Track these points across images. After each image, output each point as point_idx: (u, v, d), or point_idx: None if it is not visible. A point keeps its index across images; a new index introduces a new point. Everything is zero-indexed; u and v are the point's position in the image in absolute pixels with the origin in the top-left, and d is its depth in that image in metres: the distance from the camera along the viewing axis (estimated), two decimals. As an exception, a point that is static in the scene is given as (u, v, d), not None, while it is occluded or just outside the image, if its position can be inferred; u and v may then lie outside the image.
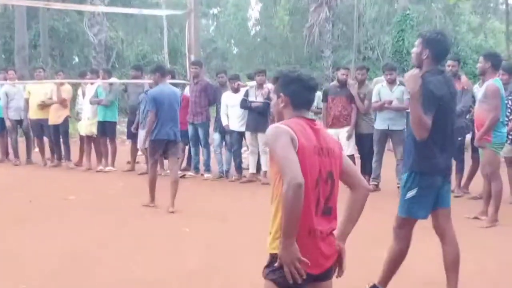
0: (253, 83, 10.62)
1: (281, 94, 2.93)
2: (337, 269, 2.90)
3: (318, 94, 10.21)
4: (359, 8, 29.94)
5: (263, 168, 10.40)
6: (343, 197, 2.96)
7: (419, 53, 4.57)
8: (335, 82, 10.58)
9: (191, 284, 5.44)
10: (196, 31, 12.10)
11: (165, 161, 10.46)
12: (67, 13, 28.55)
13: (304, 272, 2.62)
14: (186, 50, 12.55)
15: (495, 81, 7.24)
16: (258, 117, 10.07)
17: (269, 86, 10.77)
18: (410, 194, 4.43)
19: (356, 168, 3.60)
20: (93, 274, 5.56)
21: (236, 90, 10.73)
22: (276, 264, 2.65)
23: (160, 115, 8.27)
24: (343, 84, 9.97)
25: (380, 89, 9.60)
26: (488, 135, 7.22)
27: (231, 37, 39.39)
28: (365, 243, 5.97)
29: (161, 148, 8.56)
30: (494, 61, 7.19)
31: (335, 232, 2.89)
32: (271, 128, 2.78)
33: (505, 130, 7.53)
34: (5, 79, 13.60)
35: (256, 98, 10.22)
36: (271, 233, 2.76)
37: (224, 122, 10.76)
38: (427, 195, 4.49)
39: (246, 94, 10.42)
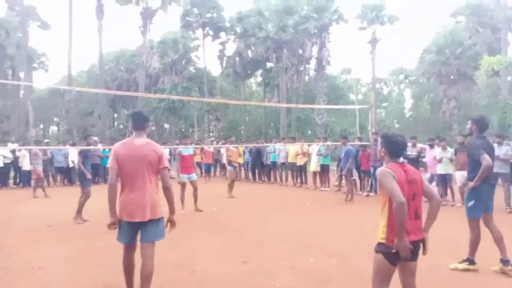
0: (409, 143, 9.98)
1: (383, 148, 2.86)
2: (422, 250, 2.67)
3: (451, 150, 9.26)
4: (475, 99, 27.28)
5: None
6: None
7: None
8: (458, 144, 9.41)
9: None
10: (374, 115, 11.83)
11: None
12: (304, 109, 29.78)
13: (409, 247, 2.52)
14: (369, 126, 12.33)
15: None
16: (413, 163, 9.32)
17: (420, 145, 10.10)
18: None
19: (432, 188, 3.05)
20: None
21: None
22: (393, 250, 2.56)
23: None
24: (463, 145, 8.79)
25: (491, 147, 8.40)
26: None
27: (394, 118, 37.45)
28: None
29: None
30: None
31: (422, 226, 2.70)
32: (380, 169, 2.70)
33: None
34: (279, 141, 14.58)
35: (412, 153, 9.57)
36: (380, 228, 2.69)
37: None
38: None
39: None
